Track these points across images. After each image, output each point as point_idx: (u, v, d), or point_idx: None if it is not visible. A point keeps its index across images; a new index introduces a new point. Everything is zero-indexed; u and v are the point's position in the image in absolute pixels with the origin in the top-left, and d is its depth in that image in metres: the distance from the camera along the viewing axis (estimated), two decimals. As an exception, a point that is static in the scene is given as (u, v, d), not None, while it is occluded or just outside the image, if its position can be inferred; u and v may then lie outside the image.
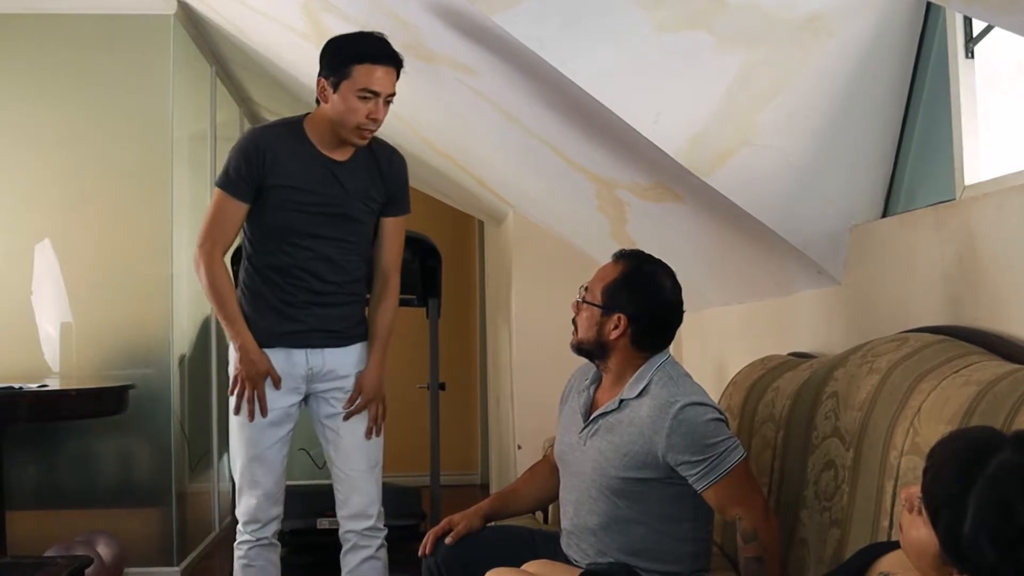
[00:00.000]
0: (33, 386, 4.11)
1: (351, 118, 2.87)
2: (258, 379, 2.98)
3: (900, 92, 2.76)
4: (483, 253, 7.56)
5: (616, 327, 2.47)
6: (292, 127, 3.00)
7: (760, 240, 3.09)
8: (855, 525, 2.18)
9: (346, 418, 3.06)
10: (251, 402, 2.98)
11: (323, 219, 2.97)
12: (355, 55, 2.85)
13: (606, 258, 2.61)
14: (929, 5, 2.66)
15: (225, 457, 5.82)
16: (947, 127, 2.57)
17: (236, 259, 4.42)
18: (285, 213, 2.96)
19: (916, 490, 1.49)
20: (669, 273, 2.53)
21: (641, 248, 2.62)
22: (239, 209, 2.97)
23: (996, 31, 2.44)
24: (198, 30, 5.20)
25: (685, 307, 2.56)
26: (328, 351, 3.05)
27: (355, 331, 3.10)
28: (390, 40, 2.90)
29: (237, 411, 3.00)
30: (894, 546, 1.73)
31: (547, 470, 2.86)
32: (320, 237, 2.98)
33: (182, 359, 5.04)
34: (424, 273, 4.70)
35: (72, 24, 4.82)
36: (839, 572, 1.82)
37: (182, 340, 5.04)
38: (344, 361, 3.07)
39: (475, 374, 7.65)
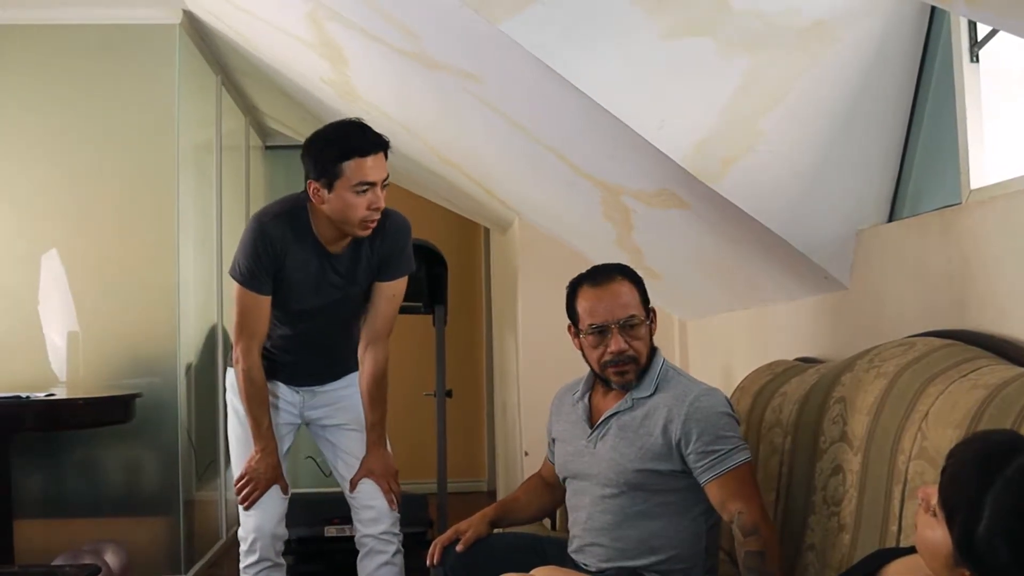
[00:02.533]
0: (40, 395, 4.11)
1: (353, 214, 2.81)
2: (266, 485, 3.00)
3: (905, 97, 2.76)
4: (489, 260, 7.55)
5: (652, 324, 2.59)
6: (296, 218, 2.92)
7: (766, 246, 3.08)
8: (863, 530, 2.17)
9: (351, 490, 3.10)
10: (253, 499, 3.01)
11: (318, 311, 3.01)
12: (341, 153, 2.78)
13: (612, 266, 2.64)
14: (934, 10, 2.66)
15: (232, 465, 5.83)
16: (953, 131, 2.57)
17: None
18: (287, 308, 2.99)
19: (933, 490, 1.49)
20: None
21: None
22: (262, 301, 2.94)
23: (1001, 35, 2.44)
24: (203, 39, 5.21)
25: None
26: (316, 387, 3.15)
27: (345, 365, 3.15)
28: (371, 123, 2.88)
29: (239, 499, 3.03)
30: (902, 552, 1.73)
31: (540, 485, 2.90)
32: (315, 323, 3.04)
33: (188, 367, 5.04)
34: (430, 280, 4.71)
35: (77, 34, 4.82)
36: (847, 577, 1.82)
37: (188, 349, 5.05)
38: (335, 388, 3.16)
39: (481, 381, 7.65)
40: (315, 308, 3.00)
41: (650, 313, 2.57)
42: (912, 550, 1.66)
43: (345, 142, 2.81)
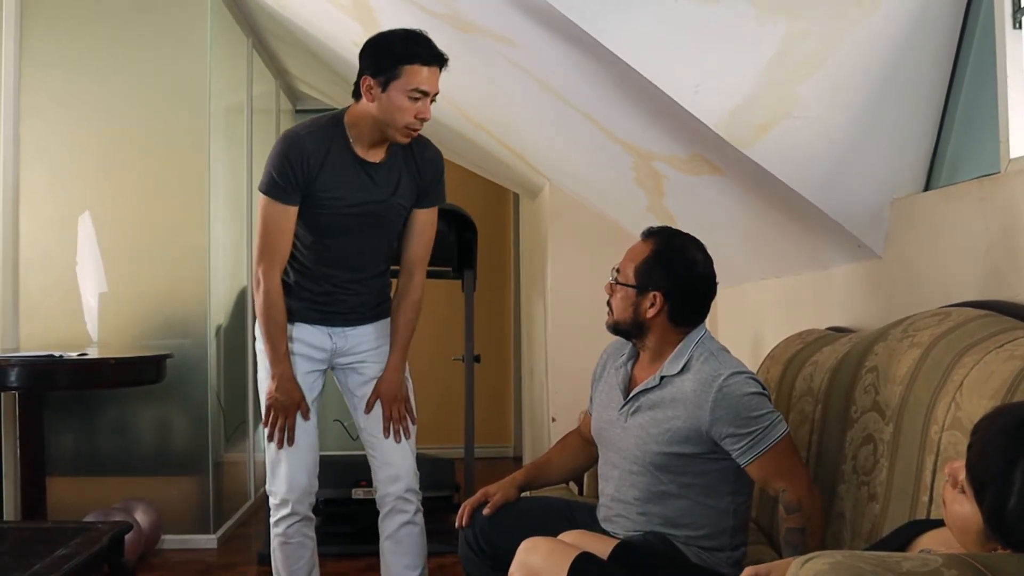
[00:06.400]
0: (73, 354, 4.15)
1: (400, 117, 2.83)
2: (290, 409, 3.01)
3: (945, 63, 2.72)
4: (518, 226, 7.55)
5: (652, 305, 2.48)
6: (330, 129, 2.93)
7: (800, 214, 3.06)
8: (894, 500, 2.16)
9: (366, 411, 3.11)
10: (282, 431, 3.02)
11: (357, 224, 2.98)
12: (404, 55, 2.81)
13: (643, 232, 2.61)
14: (976, -26, 2.62)
15: (261, 426, 5.87)
16: (993, 99, 2.53)
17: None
18: (319, 219, 2.96)
19: (960, 465, 1.48)
20: (699, 246, 2.54)
21: (679, 221, 2.61)
22: (288, 213, 2.92)
23: (1045, 1, 2.39)
24: (235, 2, 5.21)
25: (723, 281, 2.55)
26: (349, 329, 3.10)
27: (377, 310, 3.13)
28: (431, 34, 2.87)
29: (270, 439, 3.03)
30: (934, 524, 1.72)
31: (579, 442, 2.89)
32: (351, 239, 3.01)
33: (218, 329, 5.08)
34: (460, 245, 4.71)
35: (110, -4, 4.85)
36: (878, 547, 1.81)
37: (218, 310, 5.08)
38: (366, 337, 3.12)
39: (509, 346, 7.67)
40: (352, 220, 2.96)
41: (646, 291, 2.49)
42: (944, 522, 1.65)
43: (409, 46, 2.82)
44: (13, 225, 4.68)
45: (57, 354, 4.10)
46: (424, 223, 3.10)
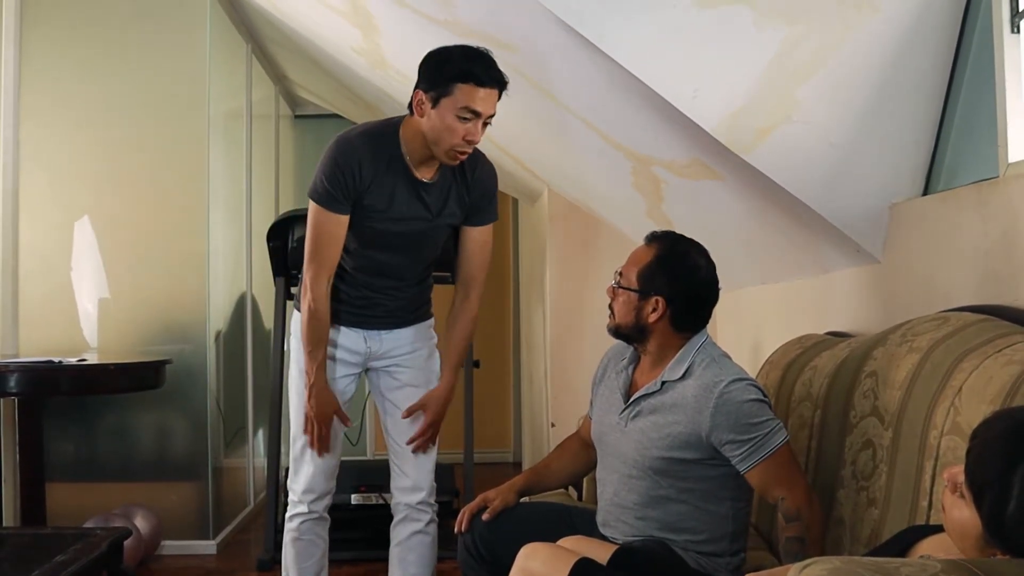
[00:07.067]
0: (72, 360, 4.15)
1: (447, 137, 2.75)
2: (327, 419, 2.99)
3: (944, 68, 2.72)
4: (517, 231, 7.55)
5: (654, 310, 2.48)
6: (386, 140, 2.86)
7: (798, 218, 3.06)
8: (893, 505, 2.16)
9: (404, 417, 3.09)
10: (319, 439, 3.01)
11: (401, 240, 2.95)
12: (460, 73, 2.71)
13: (641, 237, 2.61)
14: (974, -21, 2.62)
15: (260, 433, 5.87)
16: (991, 104, 2.53)
17: (272, 235, 4.44)
18: (364, 231, 2.92)
19: (959, 470, 1.48)
20: (703, 252, 2.54)
21: (677, 227, 2.61)
22: (339, 222, 2.87)
23: (1043, 6, 2.39)
24: (234, 7, 5.21)
25: (722, 286, 2.55)
26: (385, 333, 3.07)
27: (416, 314, 3.11)
28: (495, 57, 2.78)
29: (297, 438, 3.03)
30: (934, 529, 1.72)
31: (578, 445, 2.89)
32: (394, 252, 2.97)
33: (218, 335, 5.07)
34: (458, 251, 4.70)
35: (109, 1, 4.84)
36: (878, 553, 1.81)
37: (218, 316, 5.08)
38: (402, 340, 3.10)
39: (508, 352, 7.67)
40: (396, 236, 2.92)
41: (649, 295, 2.48)
42: (943, 528, 1.64)
43: (467, 65, 2.73)
44: (13, 230, 4.68)
45: (57, 360, 4.10)
46: (479, 242, 3.04)
